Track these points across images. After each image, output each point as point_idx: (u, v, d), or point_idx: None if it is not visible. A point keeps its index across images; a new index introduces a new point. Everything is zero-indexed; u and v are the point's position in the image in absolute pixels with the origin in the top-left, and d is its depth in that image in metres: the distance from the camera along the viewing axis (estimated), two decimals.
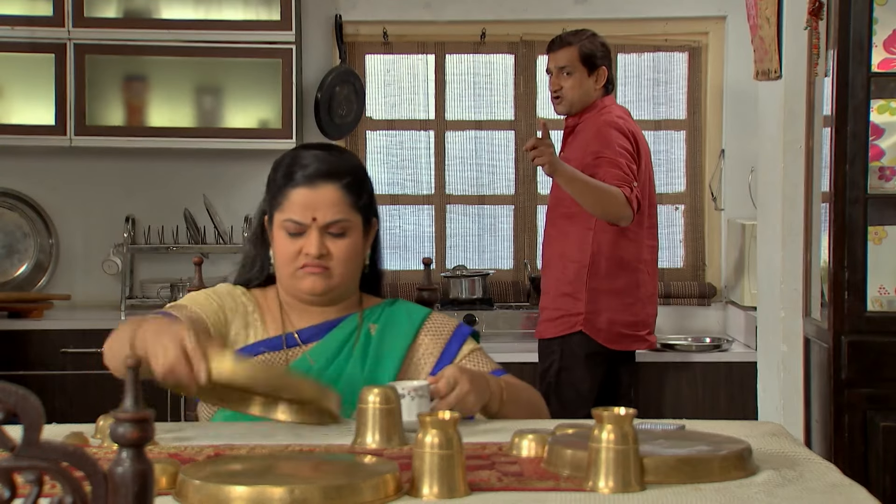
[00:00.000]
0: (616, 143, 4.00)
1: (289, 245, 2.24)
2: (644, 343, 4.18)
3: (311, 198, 2.23)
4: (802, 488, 1.61)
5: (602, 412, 1.59)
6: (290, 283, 2.27)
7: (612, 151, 3.97)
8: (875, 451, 3.36)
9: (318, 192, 2.23)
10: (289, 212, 2.23)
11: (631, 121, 4.18)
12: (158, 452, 1.83)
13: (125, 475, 1.09)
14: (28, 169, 5.12)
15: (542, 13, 5.14)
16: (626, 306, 4.11)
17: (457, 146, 5.27)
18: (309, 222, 2.23)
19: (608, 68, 4.19)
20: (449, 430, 1.56)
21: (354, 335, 2.30)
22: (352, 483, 1.51)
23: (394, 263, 5.24)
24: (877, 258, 3.47)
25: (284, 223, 2.24)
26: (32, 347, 4.60)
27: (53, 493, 1.09)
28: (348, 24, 5.16)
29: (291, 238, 2.24)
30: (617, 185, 3.90)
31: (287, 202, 2.24)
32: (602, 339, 4.08)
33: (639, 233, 4.11)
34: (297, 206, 2.23)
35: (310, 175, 2.24)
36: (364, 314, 2.34)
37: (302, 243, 2.23)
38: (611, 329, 4.09)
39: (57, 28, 4.81)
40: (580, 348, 4.09)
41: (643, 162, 4.11)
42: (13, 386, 1.06)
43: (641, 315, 4.15)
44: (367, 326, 2.32)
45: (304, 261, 2.23)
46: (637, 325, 4.14)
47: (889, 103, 3.56)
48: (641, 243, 4.13)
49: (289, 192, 2.24)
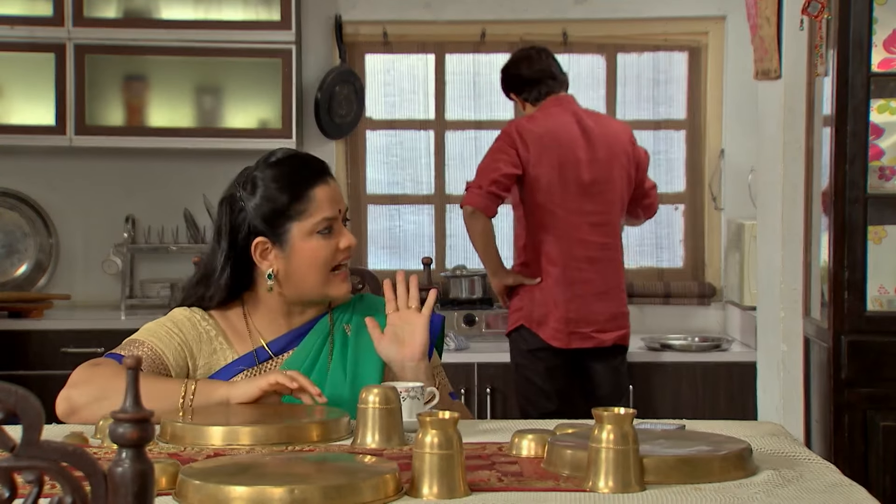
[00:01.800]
0: (490, 149, 4.15)
1: (323, 248, 2.22)
2: (590, 340, 4.13)
3: (330, 192, 2.24)
4: (802, 488, 1.61)
5: (602, 412, 1.59)
6: (321, 291, 2.23)
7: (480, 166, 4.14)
8: (875, 451, 3.36)
9: (331, 185, 2.26)
10: (319, 213, 2.22)
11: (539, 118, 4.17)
12: (158, 452, 1.83)
13: (125, 475, 1.09)
14: (28, 169, 5.12)
15: (542, 13, 5.14)
16: (563, 302, 4.09)
17: (457, 146, 5.26)
18: (338, 215, 2.24)
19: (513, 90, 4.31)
20: (449, 430, 1.56)
21: (328, 339, 2.27)
22: (352, 483, 1.51)
23: (394, 263, 5.24)
24: (877, 258, 3.47)
25: (318, 225, 2.21)
26: (32, 347, 4.60)
27: (53, 493, 1.09)
28: (348, 24, 5.16)
29: (322, 239, 2.23)
30: (461, 204, 4.13)
31: (312, 205, 2.21)
32: (544, 335, 4.10)
33: (568, 231, 4.11)
34: (325, 203, 2.23)
35: (318, 171, 2.25)
36: (334, 315, 2.31)
37: (335, 240, 2.23)
38: (547, 324, 4.10)
39: (57, 28, 4.81)
40: (524, 343, 4.14)
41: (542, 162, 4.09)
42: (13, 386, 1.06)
43: (583, 312, 4.11)
44: (341, 327, 2.29)
45: (341, 257, 2.23)
46: (578, 321, 4.11)
47: (889, 103, 3.55)
48: (574, 241, 4.12)
49: (311, 193, 2.22)
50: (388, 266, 5.22)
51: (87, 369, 2.12)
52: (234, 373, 2.23)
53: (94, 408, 2.05)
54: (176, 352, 2.22)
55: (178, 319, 2.27)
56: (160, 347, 2.20)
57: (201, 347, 2.25)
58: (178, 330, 2.24)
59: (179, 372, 2.21)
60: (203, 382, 2.10)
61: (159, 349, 2.20)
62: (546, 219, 4.10)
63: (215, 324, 2.28)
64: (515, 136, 4.10)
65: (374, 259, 5.24)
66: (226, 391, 2.08)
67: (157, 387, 2.07)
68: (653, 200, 4.36)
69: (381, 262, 5.24)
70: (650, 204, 4.35)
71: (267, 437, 1.89)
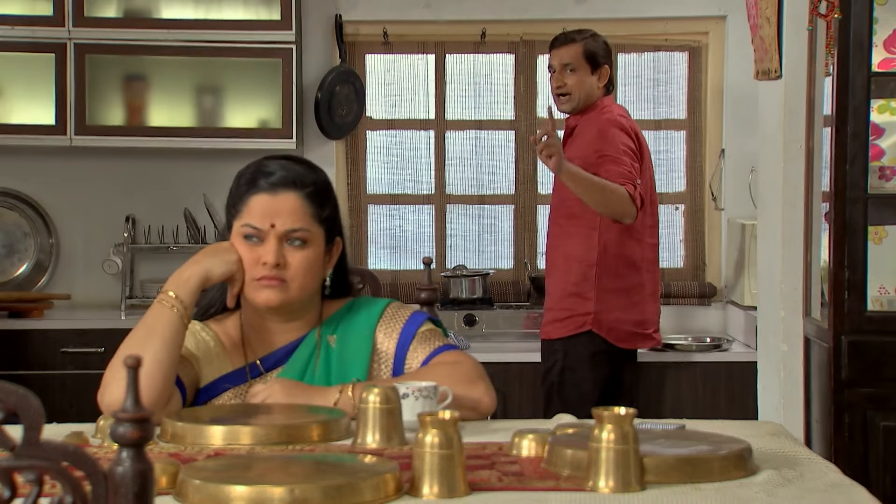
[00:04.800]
0: (619, 141, 4.00)
1: (247, 253, 2.19)
2: (650, 341, 4.19)
3: (271, 204, 2.19)
4: (802, 488, 1.61)
5: (602, 412, 1.59)
6: (248, 295, 2.21)
7: (615, 150, 3.97)
8: (875, 451, 3.36)
9: (278, 199, 2.19)
10: (247, 217, 2.19)
11: (631, 120, 4.19)
12: (158, 452, 1.83)
13: (125, 475, 1.09)
14: (28, 169, 5.12)
15: (542, 13, 5.14)
16: (633, 304, 4.11)
17: (457, 146, 5.26)
18: (267, 228, 2.18)
19: (610, 67, 4.21)
20: (449, 430, 1.56)
21: (314, 352, 2.26)
22: (352, 483, 1.51)
23: (394, 263, 5.24)
24: (877, 258, 3.48)
25: (242, 228, 2.19)
26: (32, 347, 4.60)
27: (53, 493, 1.09)
28: (348, 23, 5.16)
29: (249, 246, 2.19)
30: (620, 182, 3.91)
31: (246, 208, 2.19)
32: (612, 338, 4.08)
33: (642, 231, 4.12)
34: (257, 211, 2.18)
35: (272, 182, 2.20)
36: (322, 329, 2.28)
37: (260, 252, 2.18)
38: (619, 328, 4.09)
39: (57, 28, 4.81)
40: (585, 348, 4.08)
41: (645, 160, 4.12)
42: (13, 386, 1.06)
43: (647, 313, 4.16)
44: (325, 340, 2.27)
45: (263, 272, 2.17)
46: (644, 323, 4.14)
47: (889, 103, 3.56)
48: (644, 242, 4.14)
49: (249, 198, 2.20)
50: (388, 266, 5.23)
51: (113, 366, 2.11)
52: (220, 389, 2.23)
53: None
54: (193, 360, 2.22)
55: None
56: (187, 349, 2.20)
57: (201, 356, 2.24)
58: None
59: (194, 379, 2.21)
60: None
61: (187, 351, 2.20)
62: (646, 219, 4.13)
63: (214, 334, 2.28)
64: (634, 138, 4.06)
65: (374, 259, 5.24)
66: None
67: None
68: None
69: (381, 262, 5.24)
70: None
71: (267, 437, 1.89)
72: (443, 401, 2.06)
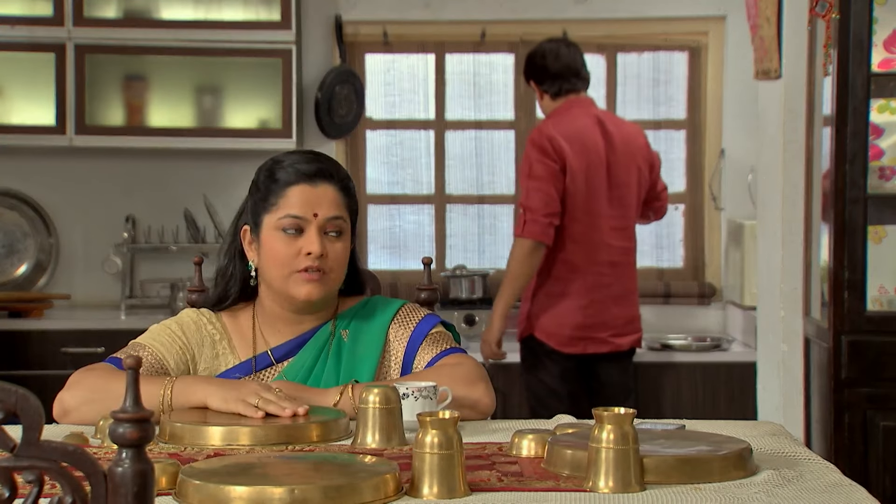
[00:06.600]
0: (529, 162, 4.07)
1: (285, 246, 2.17)
2: (605, 345, 4.13)
3: (312, 194, 2.19)
4: (802, 488, 1.61)
5: (602, 412, 1.59)
6: (284, 289, 2.19)
7: (525, 174, 4.07)
8: (875, 451, 3.36)
9: (318, 190, 2.19)
10: (287, 208, 2.18)
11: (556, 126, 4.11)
12: (158, 452, 1.83)
13: (125, 475, 1.09)
14: (28, 169, 5.12)
15: (542, 13, 5.14)
16: (579, 309, 4.08)
17: (457, 146, 5.26)
18: (310, 217, 2.17)
19: (534, 79, 4.23)
20: (449, 430, 1.56)
21: (327, 345, 2.25)
22: (352, 483, 1.51)
23: (394, 263, 5.24)
24: (877, 258, 3.47)
25: (281, 220, 2.18)
26: (32, 347, 4.60)
27: (53, 493, 1.09)
28: (348, 23, 5.16)
29: (288, 238, 2.17)
30: (517, 233, 4.05)
31: (284, 200, 2.18)
32: (553, 342, 4.09)
33: (591, 237, 4.09)
34: (298, 202, 2.18)
35: (310, 173, 2.20)
36: (336, 322, 2.28)
37: (301, 244, 2.17)
38: (560, 332, 4.08)
39: (57, 28, 4.81)
40: (536, 349, 4.13)
41: (573, 170, 4.06)
42: (13, 386, 1.06)
43: (601, 317, 4.11)
44: (338, 333, 2.26)
45: (305, 263, 2.16)
46: (593, 327, 4.10)
47: (889, 103, 3.55)
48: (598, 247, 4.10)
49: (287, 190, 2.19)
50: (388, 266, 5.23)
51: (82, 373, 2.14)
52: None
53: (83, 410, 2.07)
54: (178, 356, 2.22)
55: (184, 322, 2.27)
56: (161, 352, 2.20)
57: (203, 351, 2.24)
58: (181, 333, 2.24)
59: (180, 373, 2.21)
60: (182, 382, 2.08)
61: (160, 353, 2.20)
62: (570, 225, 4.07)
63: (222, 327, 2.27)
64: (549, 147, 4.04)
65: (375, 259, 5.24)
66: (203, 395, 2.04)
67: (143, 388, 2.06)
68: (663, 202, 4.37)
69: (382, 262, 5.24)
70: (661, 206, 4.36)
71: (267, 437, 1.89)
72: (443, 401, 2.06)
